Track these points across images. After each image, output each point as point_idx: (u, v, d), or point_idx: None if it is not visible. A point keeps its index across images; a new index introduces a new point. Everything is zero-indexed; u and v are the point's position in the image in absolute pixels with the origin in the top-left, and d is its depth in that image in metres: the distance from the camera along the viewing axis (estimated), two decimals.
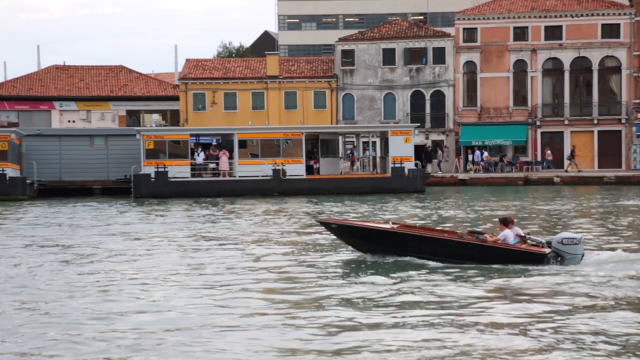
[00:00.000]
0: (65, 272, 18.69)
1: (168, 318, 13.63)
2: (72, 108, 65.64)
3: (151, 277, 17.82)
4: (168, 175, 47.14)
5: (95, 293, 16.05)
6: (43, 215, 35.38)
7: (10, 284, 17.22)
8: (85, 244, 24.17)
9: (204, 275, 18.10)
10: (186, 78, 63.93)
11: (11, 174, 46.34)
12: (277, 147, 49.47)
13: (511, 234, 17.89)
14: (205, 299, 15.17)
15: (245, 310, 14.13)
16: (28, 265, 19.88)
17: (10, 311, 14.37)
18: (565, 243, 17.54)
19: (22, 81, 67.16)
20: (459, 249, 17.96)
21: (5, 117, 64.61)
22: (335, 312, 13.64)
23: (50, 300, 15.28)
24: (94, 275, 18.29)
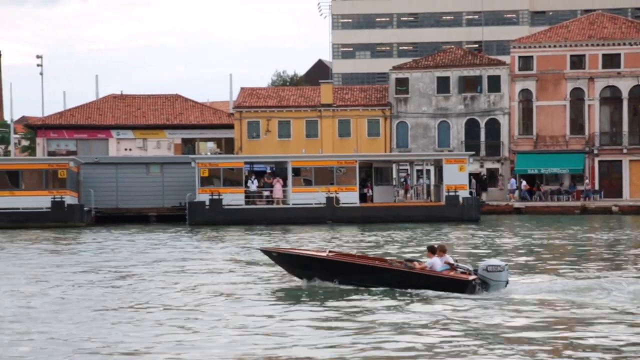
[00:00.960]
0: (117, 297, 18.82)
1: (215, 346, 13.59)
2: (128, 136, 66.60)
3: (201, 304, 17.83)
4: (222, 203, 47.39)
5: (142, 320, 16.10)
6: (99, 242, 35.79)
7: (60, 308, 17.40)
8: (138, 270, 24.35)
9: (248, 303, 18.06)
10: (241, 106, 64.45)
11: (69, 202, 47.05)
12: (331, 174, 49.47)
13: (439, 261, 18.64)
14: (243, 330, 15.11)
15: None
16: (82, 290, 20.08)
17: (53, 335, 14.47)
18: (490, 270, 18.13)
19: (80, 110, 68.40)
20: (389, 276, 18.81)
21: (64, 146, 65.81)
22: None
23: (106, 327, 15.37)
24: (146, 301, 18.38)
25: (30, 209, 45.95)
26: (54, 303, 18.18)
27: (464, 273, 18.55)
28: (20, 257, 29.34)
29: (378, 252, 29.40)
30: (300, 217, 46.93)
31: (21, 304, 18.15)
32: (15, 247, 33.47)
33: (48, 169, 47.76)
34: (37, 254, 30.47)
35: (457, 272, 18.65)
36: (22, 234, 40.69)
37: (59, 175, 47.54)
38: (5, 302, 18.32)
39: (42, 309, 17.41)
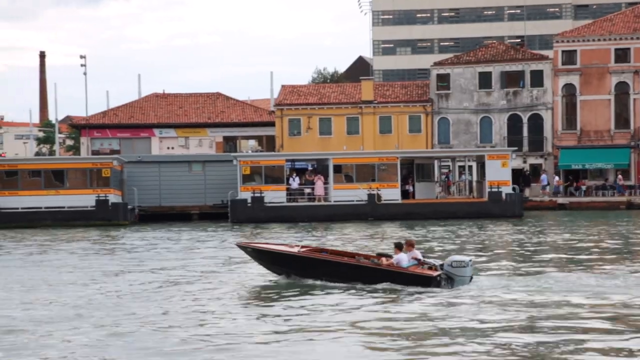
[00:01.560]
0: (161, 294, 18.96)
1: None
2: (171, 135, 67.04)
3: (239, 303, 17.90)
4: (264, 201, 47.53)
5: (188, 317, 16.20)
6: (143, 239, 36.10)
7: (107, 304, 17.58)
8: (180, 267, 24.52)
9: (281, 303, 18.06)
10: (282, 104, 64.57)
11: (113, 200, 47.52)
12: (372, 171, 49.37)
13: (405, 257, 19.12)
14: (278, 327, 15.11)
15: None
16: (127, 287, 20.28)
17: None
18: (455, 266, 18.75)
19: (123, 109, 69.04)
20: (356, 272, 19.25)
21: (108, 145, 66.47)
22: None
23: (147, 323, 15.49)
24: (191, 298, 18.49)
25: (75, 208, 46.49)
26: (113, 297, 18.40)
27: (430, 268, 18.99)
28: (74, 255, 29.71)
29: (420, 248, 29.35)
30: (341, 214, 46.92)
31: (88, 297, 18.59)
32: (68, 247, 33.89)
33: (92, 168, 48.29)
34: (83, 252, 30.83)
35: (424, 267, 19.08)
36: (68, 232, 41.18)
37: (103, 174, 48.05)
38: (72, 295, 18.70)
39: (101, 304, 17.63)
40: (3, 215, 45.68)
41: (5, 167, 48.34)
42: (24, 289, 20.58)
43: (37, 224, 44.62)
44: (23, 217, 45.66)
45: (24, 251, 31.56)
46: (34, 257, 29.04)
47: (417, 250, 19.91)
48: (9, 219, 45.28)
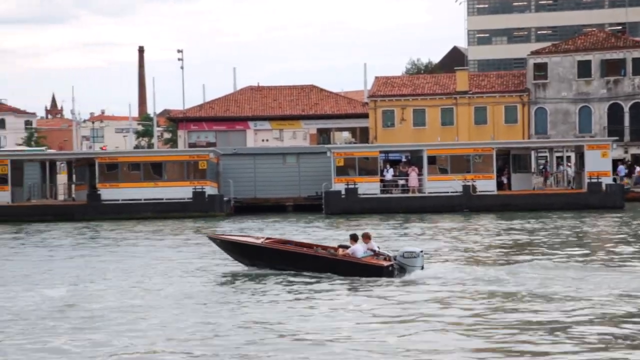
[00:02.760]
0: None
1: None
2: (265, 127, 67.68)
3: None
4: (358, 192, 47.48)
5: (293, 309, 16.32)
6: (238, 231, 36.53)
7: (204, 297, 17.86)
8: None
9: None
10: (375, 95, 64.37)
11: (210, 192, 48.20)
12: (467, 162, 48.73)
13: (361, 248, 20.08)
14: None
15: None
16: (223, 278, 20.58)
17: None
18: (406, 256, 19.78)
19: (219, 103, 70.02)
20: (314, 262, 20.26)
21: (204, 138, 67.55)
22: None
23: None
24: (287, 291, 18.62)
25: (173, 200, 47.33)
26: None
27: (385, 259, 19.88)
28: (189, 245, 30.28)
29: (516, 239, 28.80)
30: (436, 206, 46.48)
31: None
32: (178, 237, 34.57)
33: (189, 161, 49.08)
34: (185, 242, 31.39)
35: (380, 258, 19.96)
36: (167, 223, 42.00)
37: (200, 167, 48.77)
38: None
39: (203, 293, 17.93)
40: (104, 206, 46.89)
41: (106, 160, 49.58)
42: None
43: (136, 215, 45.60)
44: (123, 209, 46.75)
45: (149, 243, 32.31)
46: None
47: (374, 242, 20.69)
48: (110, 211, 46.45)
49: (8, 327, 15.01)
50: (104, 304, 17.14)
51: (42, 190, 51.01)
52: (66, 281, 20.83)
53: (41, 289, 19.37)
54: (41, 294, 18.69)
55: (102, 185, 47.79)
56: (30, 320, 15.59)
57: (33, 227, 40.95)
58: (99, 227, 40.31)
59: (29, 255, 27.01)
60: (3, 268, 24.51)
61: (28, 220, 44.01)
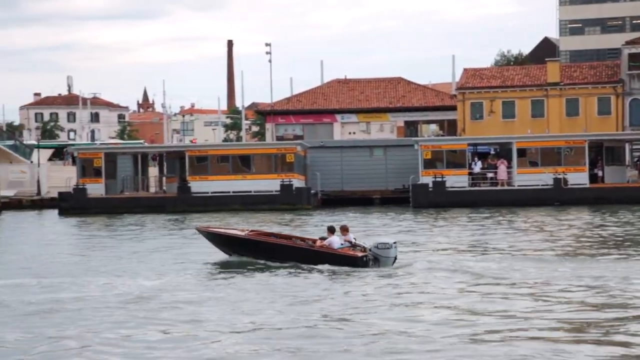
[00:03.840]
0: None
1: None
2: (352, 120, 67.66)
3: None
4: (446, 185, 47.04)
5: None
6: (323, 223, 36.61)
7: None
8: None
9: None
10: (464, 87, 63.64)
11: (297, 185, 48.46)
12: (558, 155, 47.72)
13: (337, 239, 20.90)
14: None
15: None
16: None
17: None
18: (380, 247, 20.51)
19: (306, 96, 70.31)
20: (293, 253, 21.15)
21: (292, 131, 67.94)
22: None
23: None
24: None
25: (261, 192, 47.72)
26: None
27: (362, 250, 20.62)
28: None
29: (603, 233, 28.13)
30: (526, 199, 45.65)
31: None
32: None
33: (277, 153, 49.43)
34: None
35: (356, 249, 20.72)
36: (255, 216, 42.43)
37: (287, 159, 49.07)
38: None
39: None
40: (194, 199, 47.62)
41: (196, 153, 50.34)
42: None
43: (225, 207, 46.16)
44: (212, 201, 47.38)
45: None
46: None
47: (351, 234, 21.45)
48: (199, 203, 47.15)
49: (108, 313, 15.42)
50: (186, 294, 17.46)
51: (134, 182, 52.13)
52: (158, 271, 21.19)
53: (137, 279, 19.83)
54: (138, 283, 19.14)
55: (192, 178, 48.54)
56: (124, 307, 15.99)
57: (126, 218, 41.91)
58: (189, 218, 40.97)
59: (126, 245, 27.62)
60: (102, 257, 25.16)
61: (120, 212, 45.04)
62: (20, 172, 56.82)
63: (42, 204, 52.32)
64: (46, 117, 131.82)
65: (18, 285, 19.29)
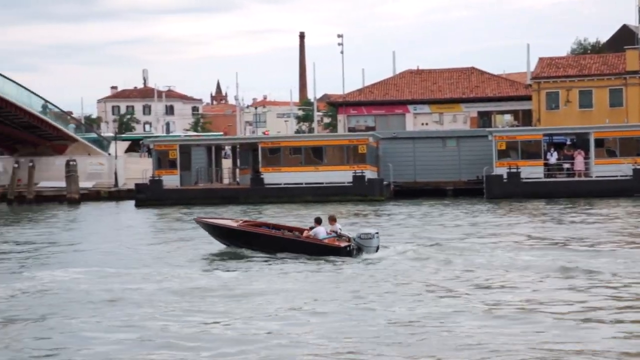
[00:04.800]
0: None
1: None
2: (425, 111, 67.14)
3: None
4: (521, 176, 46.36)
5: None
6: (400, 214, 36.47)
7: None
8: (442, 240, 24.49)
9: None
10: (539, 77, 62.53)
11: (369, 176, 48.38)
12: (638, 145, 46.55)
13: (323, 230, 21.79)
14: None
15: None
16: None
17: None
18: (363, 238, 21.37)
19: (378, 87, 70.02)
20: (281, 243, 22.07)
21: (364, 122, 67.77)
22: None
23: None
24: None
25: (333, 183, 47.78)
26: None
27: (347, 240, 21.40)
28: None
29: None
30: (603, 190, 44.67)
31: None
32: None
33: (349, 145, 49.43)
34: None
35: (342, 239, 21.57)
36: (328, 207, 42.48)
37: (359, 151, 49.03)
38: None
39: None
40: (267, 190, 47.96)
41: (269, 144, 50.67)
42: None
43: (297, 199, 46.35)
44: (285, 192, 47.63)
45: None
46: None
47: (338, 224, 22.27)
48: (272, 194, 47.46)
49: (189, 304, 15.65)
50: (259, 286, 17.60)
51: (208, 174, 52.74)
52: (234, 265, 21.37)
53: (216, 271, 20.04)
54: (216, 275, 19.35)
55: (264, 169, 48.87)
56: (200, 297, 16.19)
57: (200, 209, 42.40)
58: (262, 210, 41.25)
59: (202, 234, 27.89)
60: (179, 247, 25.52)
61: (195, 203, 45.60)
62: (98, 164, 58.11)
63: (119, 195, 53.41)
64: (122, 110, 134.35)
65: (95, 273, 19.70)
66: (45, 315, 14.96)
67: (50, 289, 17.68)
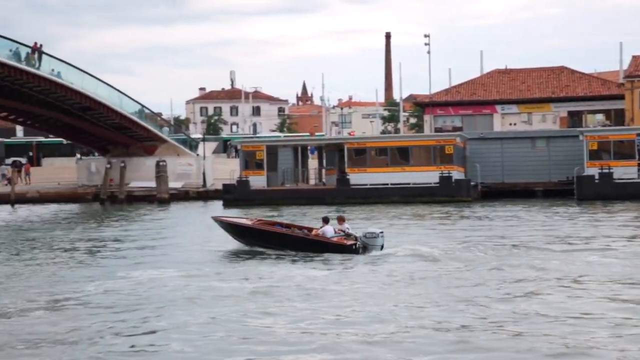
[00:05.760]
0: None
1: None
2: (513, 111, 66.18)
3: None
4: (613, 177, 45.19)
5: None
6: (486, 216, 36.00)
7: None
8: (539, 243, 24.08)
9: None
10: (632, 75, 60.92)
11: (456, 177, 47.88)
12: None
13: (331, 229, 22.93)
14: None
15: None
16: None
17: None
18: (368, 236, 22.43)
19: (465, 86, 69.33)
20: (292, 241, 23.14)
21: (450, 122, 67.19)
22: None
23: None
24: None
25: (420, 184, 47.46)
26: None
27: (353, 239, 22.42)
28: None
29: None
30: None
31: None
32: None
33: (436, 145, 49.02)
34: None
35: (350, 237, 22.60)
36: (413, 208, 42.22)
37: (446, 151, 48.58)
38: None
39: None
40: (353, 191, 47.93)
41: (355, 145, 50.64)
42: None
43: (383, 200, 46.19)
44: (371, 193, 47.53)
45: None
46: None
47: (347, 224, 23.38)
48: (358, 195, 47.42)
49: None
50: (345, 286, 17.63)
51: (294, 175, 53.00)
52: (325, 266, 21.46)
53: (304, 270, 20.19)
54: (304, 274, 19.50)
55: (350, 170, 48.87)
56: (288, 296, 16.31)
57: (287, 209, 42.66)
58: (348, 210, 41.24)
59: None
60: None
61: (281, 204, 45.91)
62: (187, 164, 59.04)
63: (208, 195, 54.16)
64: (210, 111, 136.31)
65: (186, 272, 20.06)
66: (138, 312, 15.31)
67: (144, 287, 18.09)
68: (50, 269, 21.83)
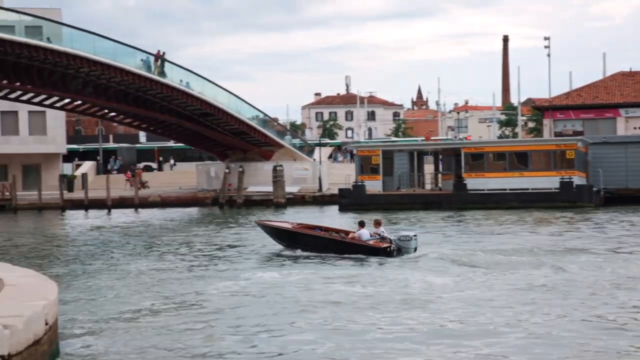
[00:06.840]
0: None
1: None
2: (637, 114, 63.93)
3: None
4: None
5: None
6: (608, 223, 34.90)
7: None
8: None
9: None
10: None
11: (578, 182, 46.66)
12: None
13: (366, 232, 23.96)
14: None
15: None
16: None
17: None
18: (402, 240, 23.54)
19: (587, 90, 67.41)
20: (329, 244, 24.25)
21: (571, 126, 65.44)
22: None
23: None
24: None
25: (539, 190, 46.46)
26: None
27: (388, 242, 23.35)
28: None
29: None
30: None
31: None
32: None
33: (556, 150, 47.89)
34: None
35: (385, 241, 23.50)
36: (532, 214, 41.34)
37: (567, 156, 47.40)
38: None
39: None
40: (470, 196, 47.34)
41: (472, 149, 49.99)
42: None
43: (501, 205, 45.42)
44: (489, 198, 46.82)
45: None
46: None
47: (383, 227, 24.31)
48: (475, 200, 46.79)
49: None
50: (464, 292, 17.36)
51: (410, 179, 52.78)
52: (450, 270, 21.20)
53: (428, 276, 20.02)
54: (426, 280, 19.35)
55: (467, 175, 48.28)
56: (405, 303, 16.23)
57: (403, 214, 42.47)
58: (466, 215, 40.73)
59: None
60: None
61: (397, 209, 45.73)
62: (303, 169, 59.64)
63: (323, 199, 54.56)
64: (325, 116, 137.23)
65: (305, 275, 20.31)
66: (261, 312, 15.58)
67: (267, 289, 18.45)
68: (178, 270, 22.55)
